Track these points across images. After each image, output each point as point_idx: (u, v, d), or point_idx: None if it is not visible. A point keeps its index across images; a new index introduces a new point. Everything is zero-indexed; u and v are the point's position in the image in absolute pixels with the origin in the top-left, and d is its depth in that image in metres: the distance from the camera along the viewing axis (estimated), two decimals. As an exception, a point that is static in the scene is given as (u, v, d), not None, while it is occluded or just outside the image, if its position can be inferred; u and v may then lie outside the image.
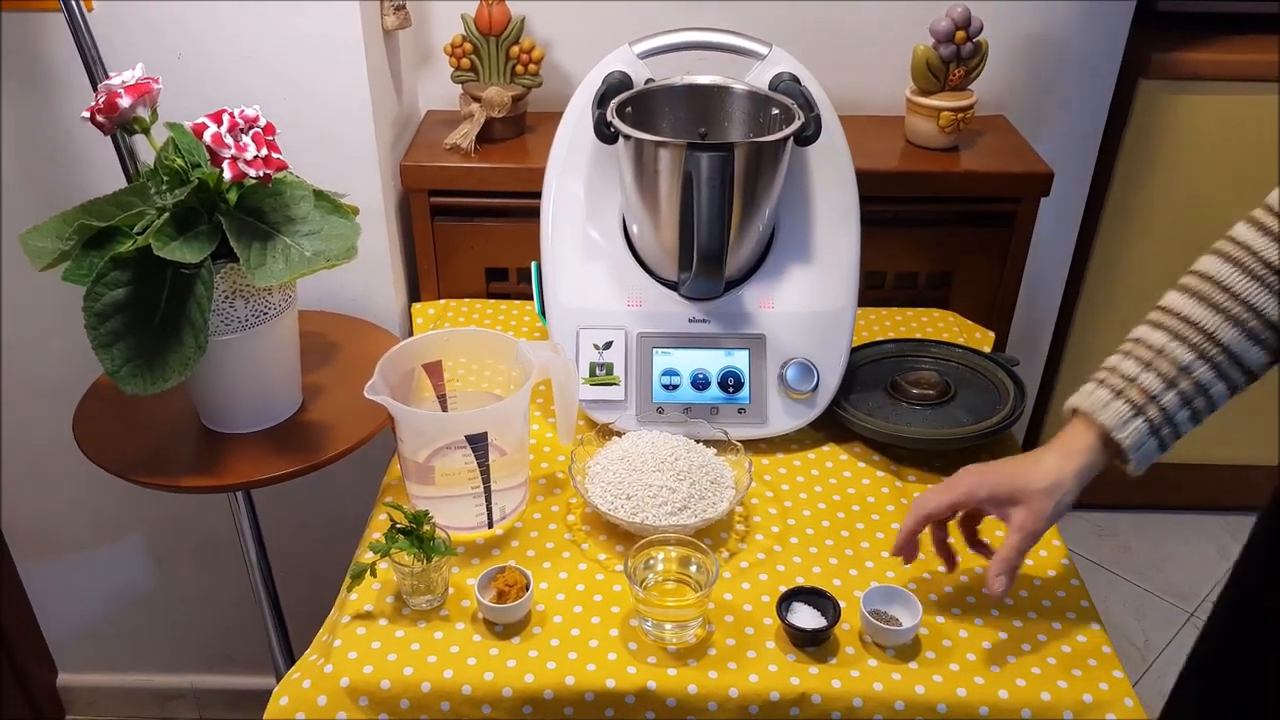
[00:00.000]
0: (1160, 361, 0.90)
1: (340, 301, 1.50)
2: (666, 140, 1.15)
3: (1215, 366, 0.89)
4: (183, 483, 1.16)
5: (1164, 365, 0.90)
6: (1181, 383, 0.89)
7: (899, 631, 0.98)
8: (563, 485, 1.19)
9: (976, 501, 0.96)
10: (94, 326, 1.04)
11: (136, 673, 1.96)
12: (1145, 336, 0.92)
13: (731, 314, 1.25)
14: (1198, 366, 0.89)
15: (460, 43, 1.50)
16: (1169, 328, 0.91)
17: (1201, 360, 0.89)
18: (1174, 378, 0.89)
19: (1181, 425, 0.90)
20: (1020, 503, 0.93)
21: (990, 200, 1.52)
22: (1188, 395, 0.89)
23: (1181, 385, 0.89)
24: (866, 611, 0.98)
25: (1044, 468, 0.93)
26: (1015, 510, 0.94)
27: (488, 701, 0.95)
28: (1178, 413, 0.90)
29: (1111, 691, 0.95)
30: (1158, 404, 0.90)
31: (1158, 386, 0.90)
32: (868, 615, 0.98)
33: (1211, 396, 0.90)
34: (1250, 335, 0.88)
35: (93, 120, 1.07)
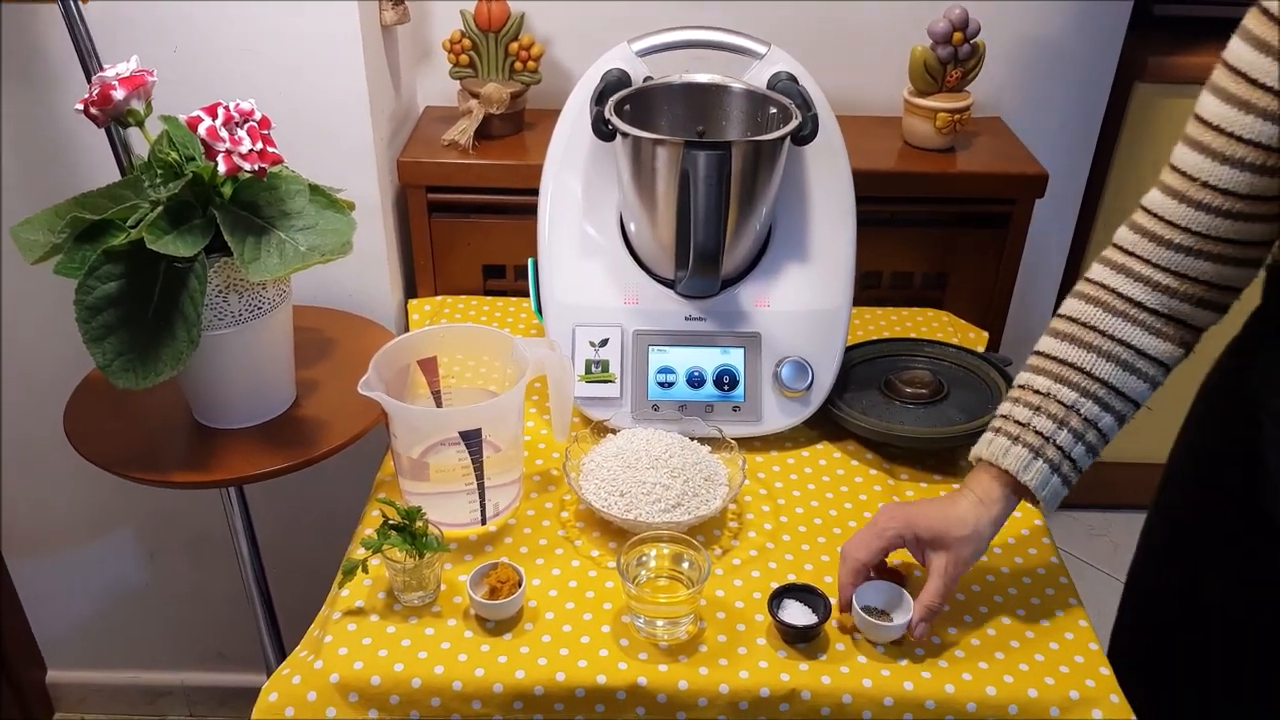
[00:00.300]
0: (1049, 404, 0.94)
1: (337, 297, 1.50)
2: (664, 138, 1.15)
3: (1098, 401, 0.93)
4: (174, 478, 1.16)
5: (1052, 407, 0.94)
6: (1071, 421, 0.93)
7: (890, 628, 0.98)
8: (557, 482, 1.19)
9: (903, 544, 0.99)
10: (86, 320, 1.04)
11: (127, 670, 1.95)
12: (1030, 383, 0.96)
13: (727, 312, 1.25)
14: (1083, 404, 0.93)
15: (459, 39, 1.50)
16: (1050, 372, 0.95)
17: (1085, 397, 0.93)
18: (1063, 417, 0.94)
19: (1079, 460, 0.95)
20: (943, 548, 0.96)
21: (986, 201, 1.53)
22: (1079, 431, 0.94)
23: (1072, 423, 0.93)
24: (859, 607, 0.98)
25: (963, 515, 0.96)
26: (937, 556, 0.97)
27: (479, 697, 0.95)
28: (1073, 449, 0.94)
29: (1098, 688, 0.96)
30: (1053, 444, 0.94)
31: (1050, 428, 0.94)
32: (860, 611, 0.98)
33: (1101, 429, 0.94)
34: (1125, 366, 0.93)
35: (86, 112, 1.07)
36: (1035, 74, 1.63)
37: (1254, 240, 0.87)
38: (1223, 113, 0.83)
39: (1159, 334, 0.92)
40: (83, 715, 2.00)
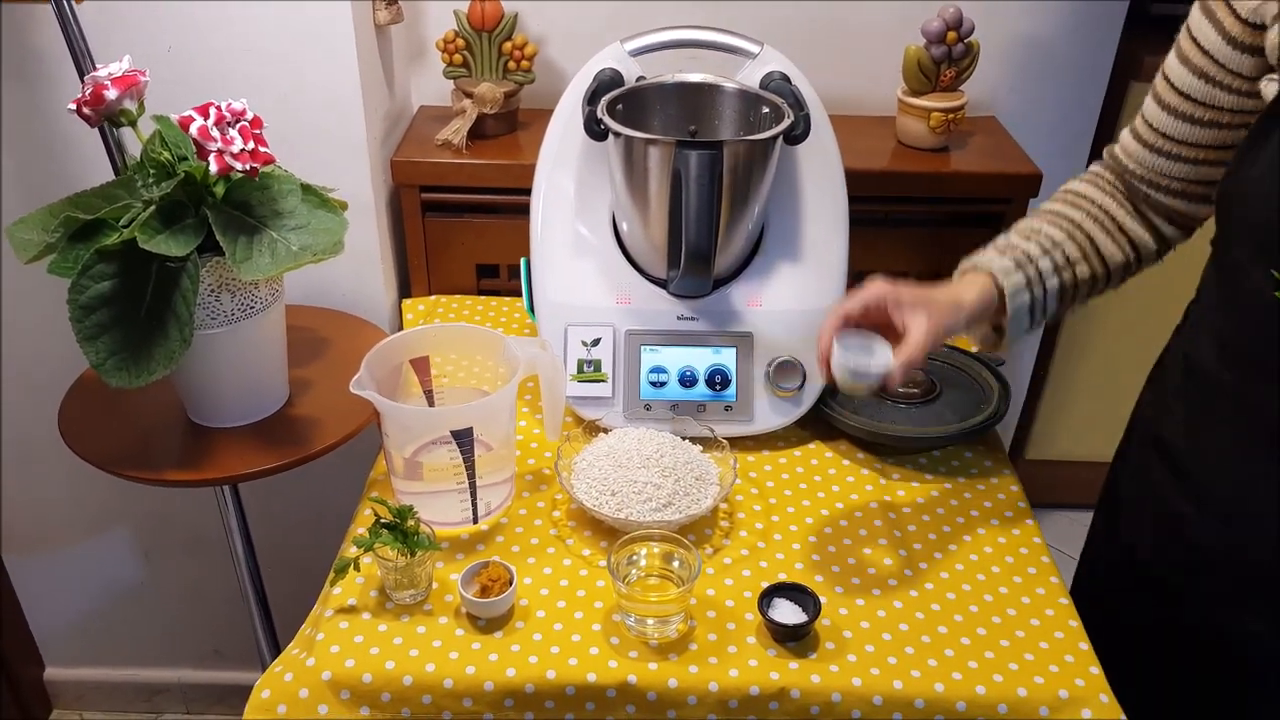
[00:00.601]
0: (1037, 236, 1.05)
1: (331, 297, 1.50)
2: (656, 138, 1.15)
3: (1080, 246, 1.05)
4: (168, 476, 1.16)
5: (1040, 238, 1.05)
6: (1054, 254, 1.04)
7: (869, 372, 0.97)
8: (549, 481, 1.19)
9: (887, 300, 1.01)
10: (79, 319, 1.04)
11: (124, 667, 1.96)
12: (1023, 223, 1.08)
13: (719, 312, 1.25)
14: (1067, 244, 1.05)
15: (453, 38, 1.51)
16: (1043, 215, 1.08)
17: (1070, 240, 1.05)
18: (1048, 248, 1.04)
19: (1050, 291, 1.04)
20: (924, 310, 1.00)
21: (980, 201, 1.53)
22: (1058, 265, 1.04)
23: (1054, 255, 1.04)
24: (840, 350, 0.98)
25: (946, 292, 1.03)
26: (918, 316, 0.99)
27: (469, 695, 0.96)
28: (1049, 278, 1.04)
29: (1087, 688, 0.96)
30: (1035, 265, 1.04)
31: (1035, 252, 1.04)
32: (840, 350, 0.98)
33: (1076, 274, 1.05)
34: (1106, 231, 1.05)
35: (79, 112, 1.07)
36: (1030, 73, 1.63)
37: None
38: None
39: (1139, 218, 1.05)
40: (80, 713, 2.01)
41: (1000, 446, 1.27)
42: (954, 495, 1.19)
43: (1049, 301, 1.05)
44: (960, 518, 1.16)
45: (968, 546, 1.12)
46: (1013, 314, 1.03)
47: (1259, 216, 0.88)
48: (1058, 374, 2.15)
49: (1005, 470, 1.23)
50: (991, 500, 1.18)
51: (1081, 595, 1.11)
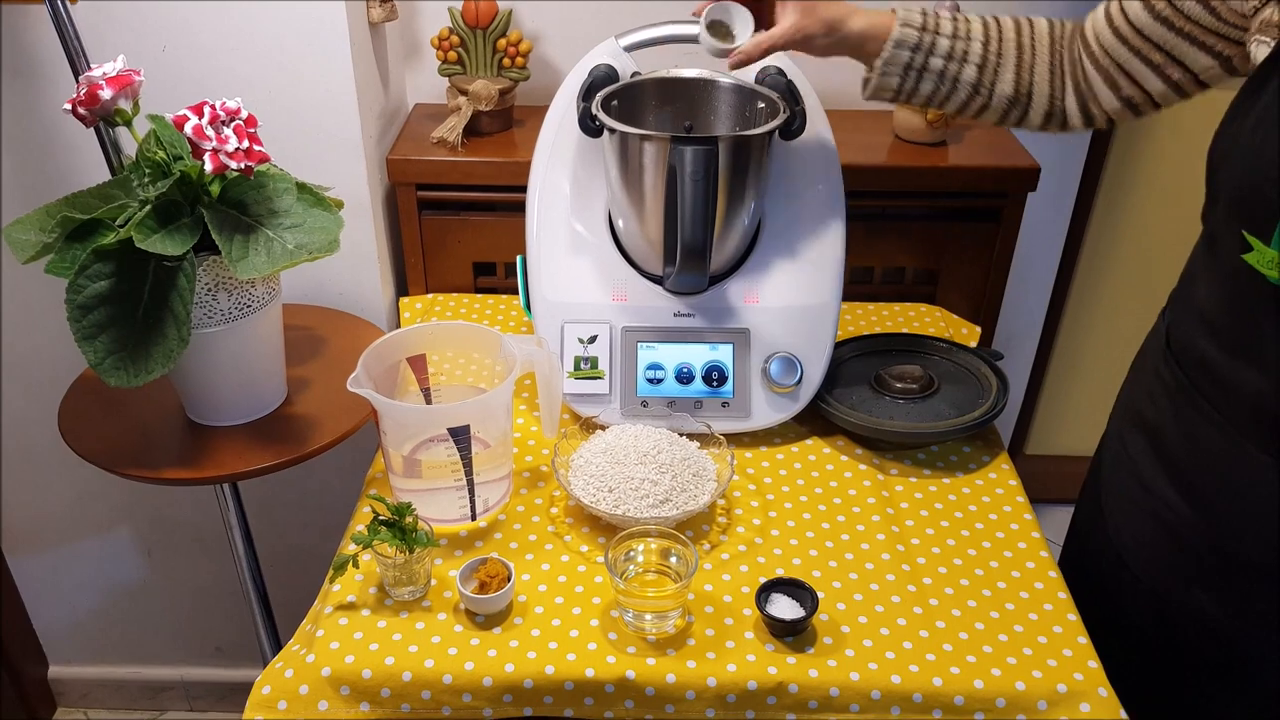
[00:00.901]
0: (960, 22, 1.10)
1: (328, 295, 1.50)
2: (651, 134, 1.15)
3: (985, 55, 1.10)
4: (168, 475, 1.17)
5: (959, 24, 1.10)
6: (958, 41, 1.10)
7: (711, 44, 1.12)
8: (546, 478, 1.19)
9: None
10: (77, 319, 1.05)
11: (127, 665, 1.96)
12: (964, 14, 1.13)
13: (716, 308, 1.25)
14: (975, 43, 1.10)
15: (447, 35, 1.51)
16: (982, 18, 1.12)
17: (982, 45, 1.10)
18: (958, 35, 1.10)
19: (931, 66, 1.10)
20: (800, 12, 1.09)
21: (978, 195, 1.53)
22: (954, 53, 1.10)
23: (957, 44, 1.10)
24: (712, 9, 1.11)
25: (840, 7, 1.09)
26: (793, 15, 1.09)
27: (468, 690, 0.96)
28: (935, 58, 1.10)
29: (1086, 682, 0.96)
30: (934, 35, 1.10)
31: (947, 28, 1.10)
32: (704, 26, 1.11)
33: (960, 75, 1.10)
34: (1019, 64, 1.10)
35: (74, 112, 1.08)
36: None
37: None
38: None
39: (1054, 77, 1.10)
40: (84, 711, 2.02)
41: (999, 441, 1.27)
42: (952, 490, 1.19)
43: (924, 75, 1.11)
44: (958, 513, 1.16)
45: (966, 541, 1.12)
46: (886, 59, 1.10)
47: (1237, 178, 0.89)
48: (1057, 369, 2.15)
49: (1004, 465, 1.23)
50: (990, 495, 1.18)
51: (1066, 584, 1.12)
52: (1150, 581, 1.07)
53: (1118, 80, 1.06)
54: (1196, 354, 0.97)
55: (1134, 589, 1.09)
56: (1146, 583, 1.07)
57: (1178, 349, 1.01)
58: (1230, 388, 0.93)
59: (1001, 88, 1.11)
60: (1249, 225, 0.86)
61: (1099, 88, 1.08)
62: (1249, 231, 0.86)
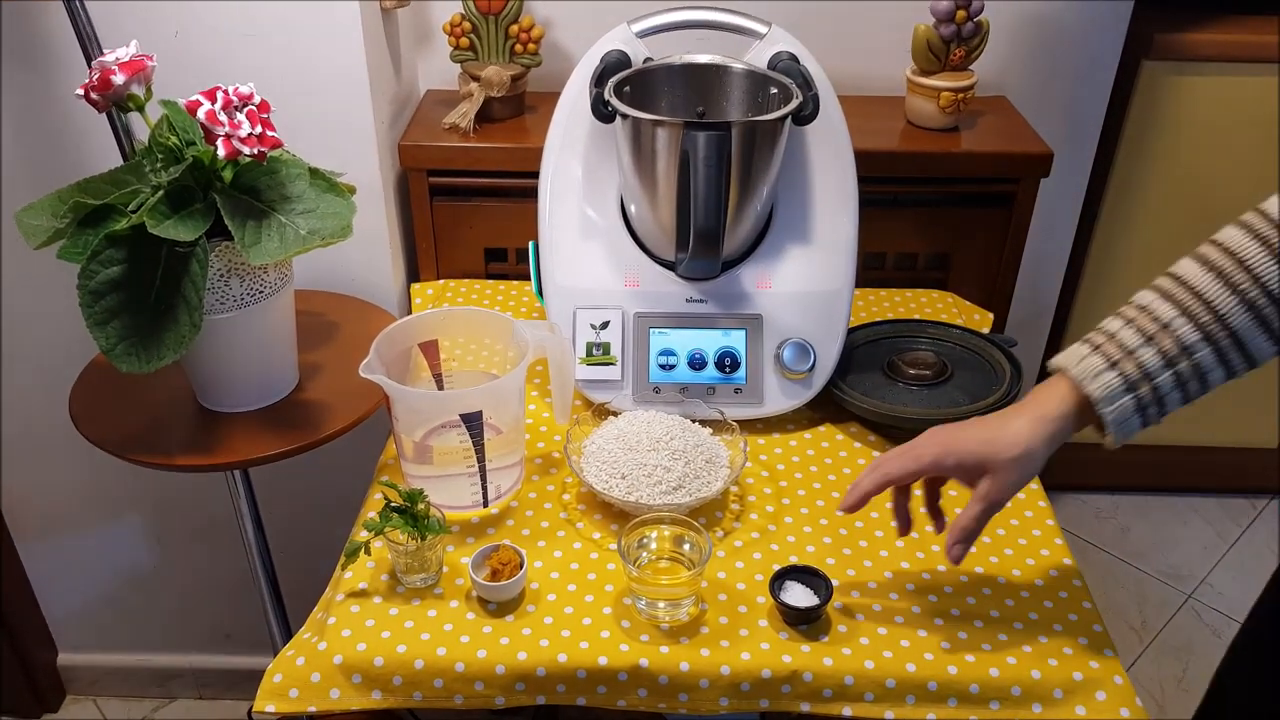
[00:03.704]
0: (1163, 337, 0.84)
1: (339, 281, 1.50)
2: (664, 119, 1.14)
3: (1219, 351, 0.83)
4: (179, 461, 1.16)
5: (1166, 342, 0.84)
6: (1180, 363, 0.84)
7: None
8: (558, 464, 1.19)
9: (942, 470, 0.92)
10: (89, 304, 1.04)
11: (136, 652, 1.97)
12: (1152, 306, 0.85)
13: (729, 294, 1.25)
14: (1201, 348, 0.83)
15: (459, 21, 1.50)
16: (1179, 301, 0.84)
17: (1206, 342, 0.83)
18: (1174, 356, 0.83)
19: (1170, 405, 0.86)
20: (987, 473, 0.89)
21: (990, 181, 1.52)
22: (1184, 377, 0.84)
23: (1180, 366, 0.84)
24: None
25: (1014, 434, 0.88)
26: (981, 480, 0.90)
27: (481, 678, 0.96)
28: (1170, 394, 0.85)
29: (1102, 669, 0.95)
30: (1151, 382, 0.84)
31: (1156, 363, 0.84)
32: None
33: (1207, 381, 0.85)
34: (1262, 322, 0.82)
35: (87, 97, 1.07)
36: (1040, 52, 1.62)
37: None
38: None
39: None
40: (94, 698, 2.02)
41: (1012, 428, 1.27)
42: (965, 477, 1.18)
43: (1169, 411, 0.86)
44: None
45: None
46: (1115, 438, 0.87)
47: None
48: (1068, 355, 2.14)
49: (1017, 452, 1.22)
50: (1003, 482, 1.18)
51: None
52: None
53: None
54: None
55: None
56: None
57: None
58: None
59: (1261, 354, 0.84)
60: None
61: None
62: None
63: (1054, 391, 0.89)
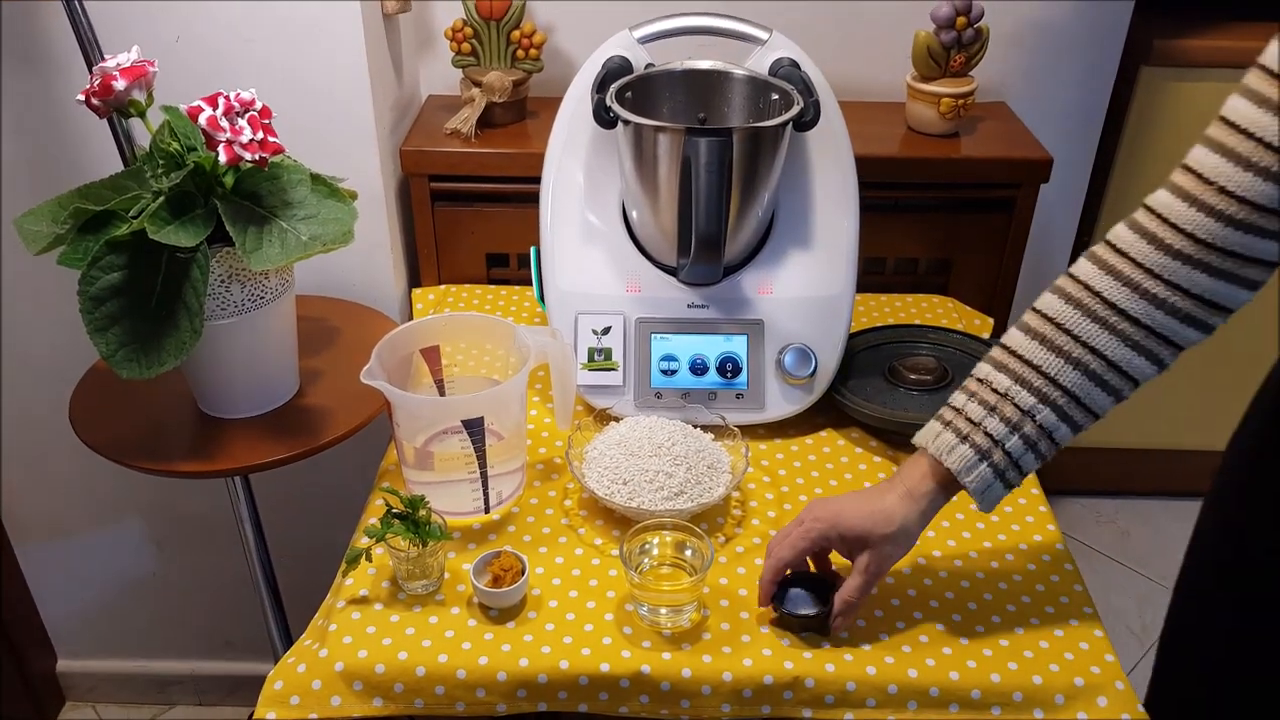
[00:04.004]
0: (1004, 406, 0.89)
1: (341, 286, 1.50)
2: (665, 125, 1.15)
3: (1057, 410, 0.88)
4: (179, 467, 1.16)
5: (1008, 410, 0.89)
6: (1025, 427, 0.89)
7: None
8: (560, 470, 1.19)
9: (827, 544, 0.98)
10: (89, 310, 1.04)
11: (136, 659, 1.96)
12: (989, 378, 0.91)
13: (730, 299, 1.25)
14: (1040, 410, 0.88)
15: (461, 27, 1.50)
16: (1012, 371, 0.90)
17: (1044, 404, 0.88)
18: (1017, 422, 0.89)
19: (1026, 466, 0.91)
20: (868, 547, 0.95)
21: (990, 186, 1.52)
22: (1031, 439, 0.89)
23: (1025, 429, 0.89)
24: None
25: (890, 512, 0.94)
26: (861, 555, 0.95)
27: (483, 685, 0.96)
28: (1022, 456, 0.90)
29: (1103, 675, 0.95)
30: (1002, 448, 0.90)
31: (1002, 431, 0.90)
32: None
33: (1055, 439, 0.90)
34: (1092, 378, 0.87)
35: (88, 103, 1.07)
36: (1040, 58, 1.62)
37: (1258, 258, 0.82)
38: (1254, 117, 0.79)
39: (1136, 348, 0.86)
40: (93, 704, 2.01)
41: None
42: (967, 483, 1.18)
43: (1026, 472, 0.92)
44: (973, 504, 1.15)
45: (981, 534, 1.11)
46: (981, 505, 0.94)
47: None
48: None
49: (1018, 457, 1.22)
50: (1004, 487, 1.18)
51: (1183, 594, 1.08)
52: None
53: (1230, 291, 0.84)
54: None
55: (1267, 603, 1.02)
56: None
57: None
58: None
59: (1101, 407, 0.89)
60: None
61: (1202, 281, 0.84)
62: None
63: (918, 468, 0.95)
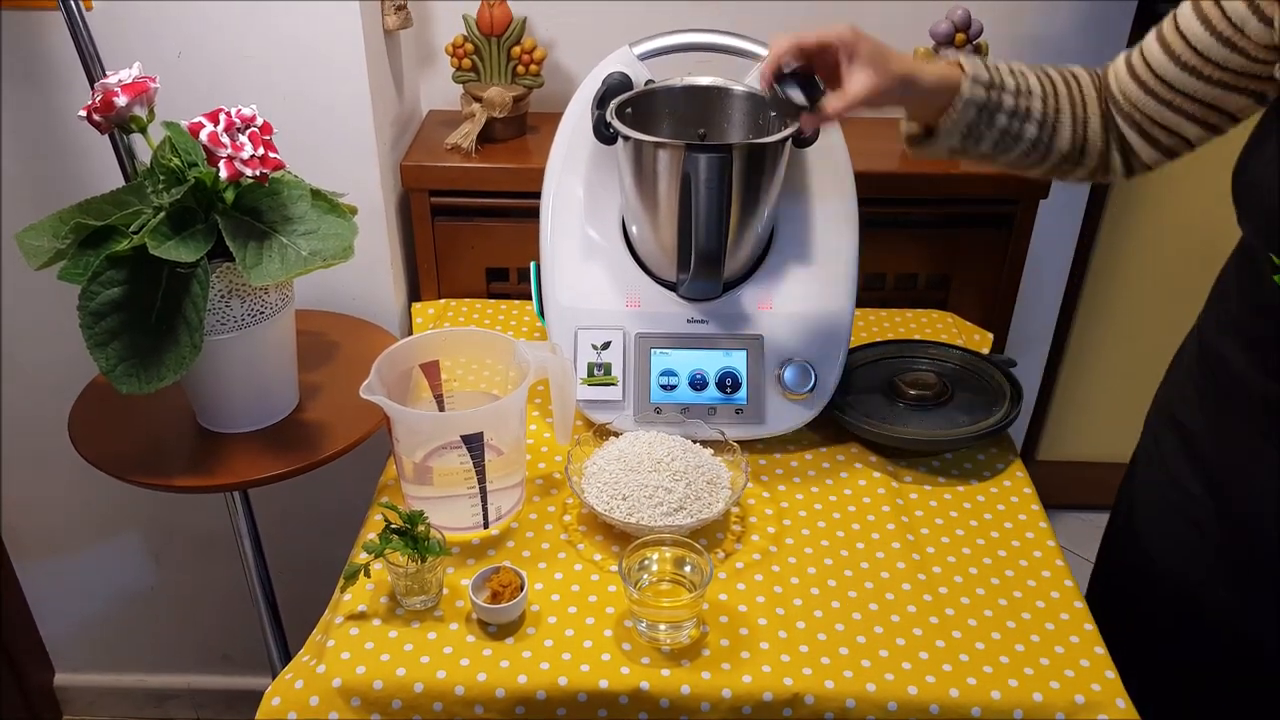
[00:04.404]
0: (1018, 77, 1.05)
1: (341, 301, 1.50)
2: (665, 141, 1.15)
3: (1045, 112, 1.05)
4: (178, 483, 1.16)
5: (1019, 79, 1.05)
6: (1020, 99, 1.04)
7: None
8: (559, 485, 1.19)
9: (844, 49, 1.01)
10: (89, 325, 1.04)
11: (133, 673, 1.96)
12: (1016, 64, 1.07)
13: (730, 314, 1.25)
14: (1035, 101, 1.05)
15: (461, 43, 1.51)
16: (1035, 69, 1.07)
17: (1041, 100, 1.05)
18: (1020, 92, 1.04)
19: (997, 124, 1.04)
20: (874, 69, 0.99)
21: (990, 202, 1.52)
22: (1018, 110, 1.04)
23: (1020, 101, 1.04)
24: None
25: (905, 63, 1.02)
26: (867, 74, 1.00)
27: (481, 701, 0.95)
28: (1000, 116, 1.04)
29: (1104, 692, 0.95)
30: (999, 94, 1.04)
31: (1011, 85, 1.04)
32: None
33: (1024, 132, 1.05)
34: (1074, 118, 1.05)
35: (89, 119, 1.08)
36: (1039, 74, 1.62)
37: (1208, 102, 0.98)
38: None
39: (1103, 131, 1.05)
40: (91, 718, 2.01)
41: (1013, 448, 1.27)
42: (967, 498, 1.18)
43: (986, 133, 1.05)
44: (974, 520, 1.15)
45: (981, 550, 1.11)
46: (955, 119, 1.04)
47: (1264, 202, 0.89)
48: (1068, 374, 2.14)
49: (1018, 472, 1.22)
50: (1005, 503, 1.18)
51: (1096, 597, 1.11)
52: (1177, 581, 1.07)
53: (1153, 133, 1.03)
54: (1227, 361, 0.99)
55: (1159, 588, 1.09)
56: (1172, 581, 1.07)
57: (1211, 356, 1.02)
58: (1257, 395, 0.94)
59: (1059, 144, 1.06)
60: (1275, 247, 0.88)
61: (1134, 141, 1.05)
62: (1276, 254, 0.87)
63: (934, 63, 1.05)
